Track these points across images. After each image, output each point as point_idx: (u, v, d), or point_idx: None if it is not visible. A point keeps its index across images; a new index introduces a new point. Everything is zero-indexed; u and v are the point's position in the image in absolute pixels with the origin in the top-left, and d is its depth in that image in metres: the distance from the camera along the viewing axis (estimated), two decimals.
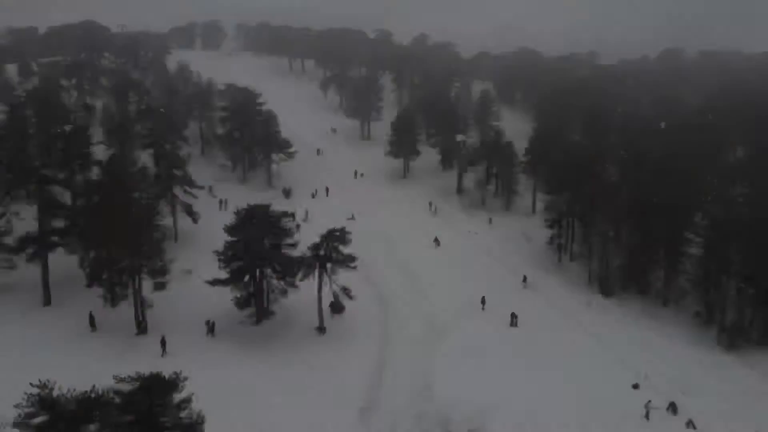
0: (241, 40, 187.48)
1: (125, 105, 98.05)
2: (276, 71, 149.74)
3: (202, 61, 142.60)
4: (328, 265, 50.58)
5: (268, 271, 51.76)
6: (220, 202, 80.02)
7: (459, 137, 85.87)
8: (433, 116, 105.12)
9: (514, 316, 54.17)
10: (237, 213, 50.75)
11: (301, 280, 50.18)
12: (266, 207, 51.73)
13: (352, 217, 78.31)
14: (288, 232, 52.64)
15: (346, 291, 50.54)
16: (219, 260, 50.19)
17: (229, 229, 50.85)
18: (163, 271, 51.60)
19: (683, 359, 50.40)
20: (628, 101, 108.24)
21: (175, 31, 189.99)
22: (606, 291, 61.15)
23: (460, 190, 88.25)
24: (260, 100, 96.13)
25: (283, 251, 51.70)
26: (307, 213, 78.02)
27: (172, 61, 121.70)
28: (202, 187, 71.86)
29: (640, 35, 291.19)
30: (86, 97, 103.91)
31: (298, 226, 72.72)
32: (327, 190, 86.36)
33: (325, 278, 50.64)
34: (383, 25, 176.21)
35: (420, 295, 59.69)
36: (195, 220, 70.27)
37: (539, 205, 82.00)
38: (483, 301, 56.83)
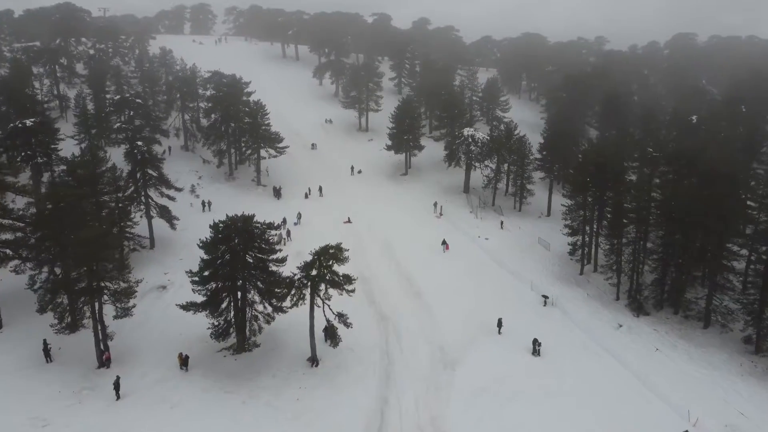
0: (232, 24, 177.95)
1: (102, 95, 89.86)
2: (268, 57, 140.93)
3: (189, 47, 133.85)
4: (322, 287, 43.05)
5: (251, 293, 44.30)
6: (203, 203, 72.31)
7: (466, 131, 77.96)
8: (436, 107, 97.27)
9: (536, 343, 46.88)
10: (214, 227, 42.97)
11: (289, 307, 42.64)
12: (249, 218, 43.99)
13: (349, 220, 70.85)
14: (274, 248, 45.02)
15: (342, 318, 43.09)
16: (193, 282, 42.62)
17: (205, 246, 43.17)
18: (128, 292, 44.05)
19: (735, 396, 43.27)
20: (647, 90, 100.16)
21: (162, 15, 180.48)
22: (637, 309, 53.89)
23: (467, 188, 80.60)
24: (249, 89, 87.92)
25: (268, 269, 44.22)
26: (299, 216, 70.40)
27: (157, 47, 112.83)
28: (180, 189, 64.12)
29: (645, 20, 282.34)
30: (59, 86, 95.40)
31: (288, 232, 65.60)
32: (320, 189, 78.59)
33: (318, 301, 43.15)
34: (381, 9, 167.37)
35: (426, 315, 52.34)
36: (173, 226, 62.62)
37: (555, 206, 74.57)
38: (500, 324, 49.48)
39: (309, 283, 42.46)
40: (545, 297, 54.62)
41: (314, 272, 42.44)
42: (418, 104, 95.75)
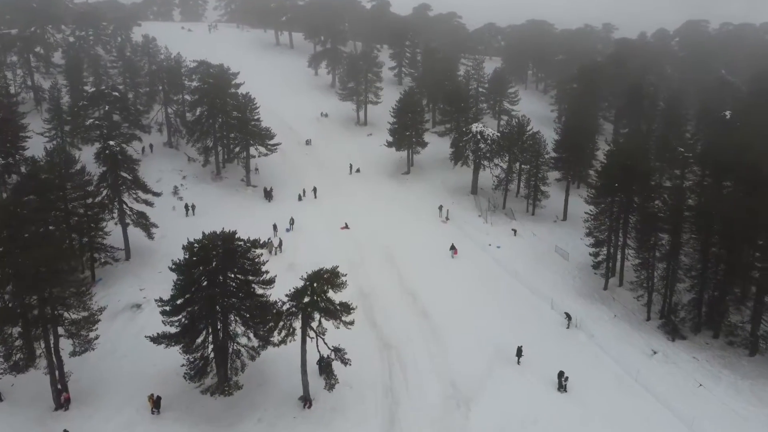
0: (224, 10, 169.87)
1: (79, 86, 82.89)
2: (260, 45, 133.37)
3: (176, 34, 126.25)
4: (316, 316, 36.78)
5: (233, 324, 38.02)
6: (187, 207, 65.77)
7: (475, 127, 71.29)
8: (440, 99, 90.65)
9: (562, 376, 40.82)
10: (188, 247, 36.51)
11: (277, 344, 36.35)
12: (230, 236, 37.54)
13: (346, 226, 64.52)
14: (260, 268, 38.69)
15: (339, 353, 36.89)
16: (163, 313, 36.28)
17: (178, 269, 36.78)
18: (89, 322, 37.80)
19: None
20: (665, 82, 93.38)
21: (150, 1, 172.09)
22: (672, 333, 47.80)
23: (475, 189, 74.12)
24: (238, 80, 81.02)
25: (253, 293, 37.96)
26: (292, 221, 63.98)
27: (142, 34, 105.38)
28: (158, 194, 57.54)
29: (647, 4, 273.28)
30: (33, 76, 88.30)
31: (280, 242, 59.20)
32: (315, 190, 72.03)
33: (311, 332, 36.93)
34: None
35: (435, 340, 46.22)
36: (150, 236, 56.20)
37: (572, 209, 68.29)
38: (519, 353, 43.33)
39: (300, 314, 36.15)
40: (568, 317, 48.47)
41: (307, 299, 36.12)
42: (420, 96, 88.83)
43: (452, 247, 59.86)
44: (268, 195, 71.21)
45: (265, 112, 79.61)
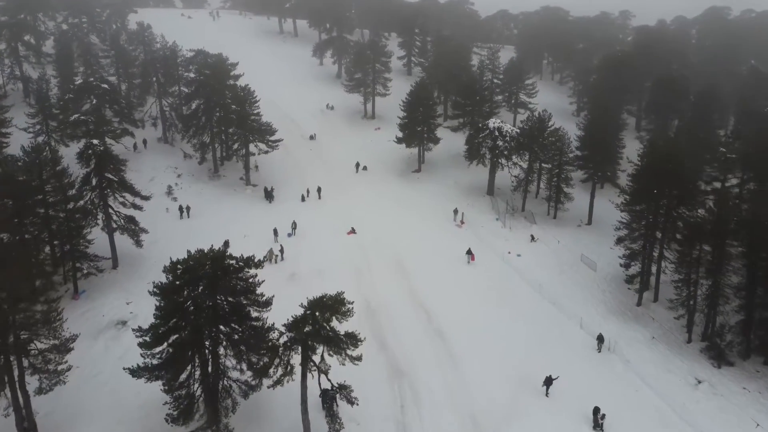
0: None
1: (69, 77, 77.90)
2: (263, 33, 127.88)
3: (176, 22, 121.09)
4: (318, 349, 31.93)
5: (224, 356, 33.20)
6: (181, 209, 60.92)
7: (492, 122, 65.85)
8: (453, 91, 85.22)
9: (597, 412, 35.86)
10: (171, 268, 31.56)
11: (272, 385, 31.47)
12: (220, 257, 32.59)
13: (353, 231, 59.50)
14: (254, 288, 33.81)
15: (344, 391, 32.04)
16: (141, 345, 31.41)
17: (161, 291, 31.89)
18: (61, 350, 33.15)
19: None
20: (692, 72, 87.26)
21: None
22: (718, 359, 42.67)
23: (491, 190, 68.83)
24: (236, 71, 75.72)
25: (248, 316, 33.15)
26: (294, 225, 59.02)
27: (136, 22, 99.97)
28: (147, 197, 52.55)
29: None
30: (22, 66, 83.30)
31: (281, 249, 54.31)
32: (319, 190, 66.95)
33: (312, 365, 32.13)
34: None
35: (452, 365, 41.34)
36: (138, 243, 51.42)
37: (598, 212, 63.06)
38: (548, 382, 38.37)
39: (299, 347, 31.27)
40: (600, 340, 43.39)
41: (309, 328, 31.22)
42: (431, 88, 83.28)
43: (469, 252, 55.02)
44: (268, 195, 66.23)
45: (267, 104, 74.60)
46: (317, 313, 30.84)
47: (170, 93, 75.84)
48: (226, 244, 55.87)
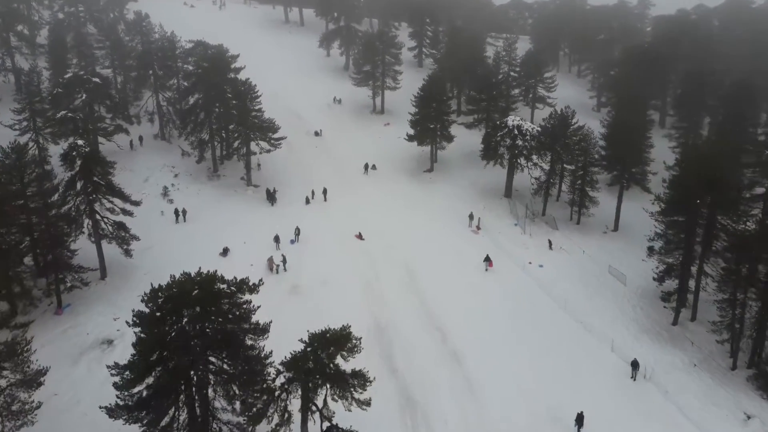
0: None
1: (62, 70, 73.62)
2: (268, 22, 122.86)
3: (177, 11, 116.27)
4: (320, 390, 27.80)
5: (215, 395, 29.14)
6: (177, 212, 56.88)
7: (511, 120, 61.14)
8: (467, 84, 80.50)
9: None
10: (151, 296, 27.44)
11: None
12: (209, 279, 28.44)
13: (360, 236, 55.28)
14: (249, 315, 29.70)
15: None
16: (117, 386, 27.35)
17: (141, 321, 27.83)
18: (30, 384, 29.22)
19: None
20: (723, 65, 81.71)
21: None
22: (767, 388, 38.15)
23: (509, 191, 64.26)
24: (237, 64, 71.28)
25: (242, 344, 29.08)
26: (297, 231, 54.81)
27: (134, 11, 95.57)
28: (137, 203, 48.35)
29: None
30: (14, 58, 79.21)
31: (283, 259, 50.02)
32: (325, 192, 62.64)
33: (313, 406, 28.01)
34: None
35: (469, 395, 37.24)
36: (128, 253, 47.43)
37: (625, 218, 58.43)
38: (579, 421, 34.10)
39: (300, 389, 27.15)
40: (634, 366, 39.00)
41: (311, 364, 27.10)
42: (445, 81, 78.48)
43: (487, 259, 50.90)
44: (271, 197, 62.03)
45: (270, 98, 70.18)
46: (320, 351, 26.66)
47: (168, 87, 71.58)
48: (225, 251, 52.01)
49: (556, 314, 45.59)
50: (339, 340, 26.91)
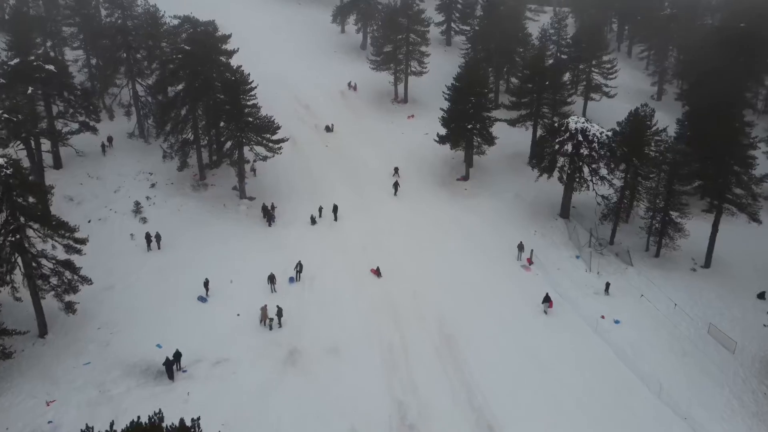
0: None
1: (26, 53, 61.27)
2: None
3: None
4: None
5: None
6: (149, 237, 45.12)
7: (573, 121, 47.70)
8: (511, 71, 67.07)
9: None
10: None
11: None
12: None
13: (378, 272, 43.07)
14: None
15: None
16: None
17: None
18: None
19: None
20: None
21: None
22: None
23: (566, 211, 51.23)
24: (229, 46, 58.43)
25: None
26: (299, 267, 42.65)
27: None
28: (82, 241, 36.19)
29: None
30: None
31: (279, 311, 36.97)
32: (335, 209, 50.22)
33: None
34: None
35: None
36: (70, 308, 35.80)
37: (720, 250, 45.34)
38: None
39: None
40: None
41: None
42: (485, 68, 64.75)
43: (546, 299, 38.94)
44: (268, 215, 49.83)
45: (273, 84, 58.00)
46: None
47: (148, 73, 59.07)
48: (205, 295, 40.49)
49: (649, 404, 33.14)
50: None
